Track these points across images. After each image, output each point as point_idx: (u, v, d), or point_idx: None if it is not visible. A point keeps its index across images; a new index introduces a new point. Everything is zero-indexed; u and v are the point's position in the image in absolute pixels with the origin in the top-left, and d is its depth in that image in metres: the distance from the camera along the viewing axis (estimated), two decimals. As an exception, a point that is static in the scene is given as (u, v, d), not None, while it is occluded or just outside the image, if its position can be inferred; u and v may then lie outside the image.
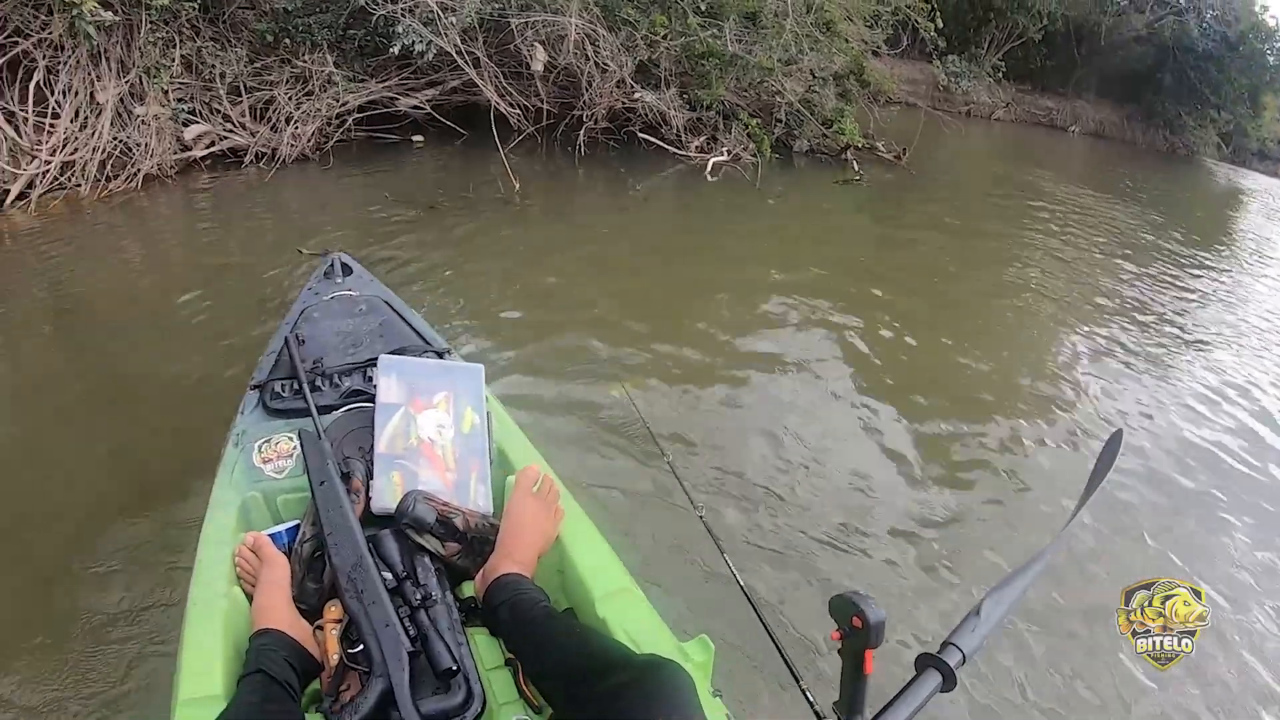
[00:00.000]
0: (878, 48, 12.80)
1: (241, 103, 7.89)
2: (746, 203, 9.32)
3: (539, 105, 9.45)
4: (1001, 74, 22.00)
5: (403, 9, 7.99)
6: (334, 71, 8.30)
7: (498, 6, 8.57)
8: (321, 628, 1.78)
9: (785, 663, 1.77)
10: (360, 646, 1.68)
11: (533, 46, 8.74)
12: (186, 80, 7.57)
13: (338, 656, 1.70)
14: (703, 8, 9.74)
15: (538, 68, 8.88)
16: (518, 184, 7.98)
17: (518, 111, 9.21)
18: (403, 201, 7.37)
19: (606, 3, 9.13)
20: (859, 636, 1.30)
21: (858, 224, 9.56)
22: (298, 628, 1.76)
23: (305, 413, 2.27)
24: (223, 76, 7.72)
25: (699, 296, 6.27)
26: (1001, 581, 1.49)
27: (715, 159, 10.07)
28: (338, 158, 8.28)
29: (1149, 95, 24.54)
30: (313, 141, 8.18)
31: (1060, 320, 7.17)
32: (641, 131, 10.13)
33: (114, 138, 6.84)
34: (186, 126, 7.44)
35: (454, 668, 1.64)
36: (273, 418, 2.39)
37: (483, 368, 2.36)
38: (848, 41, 11.60)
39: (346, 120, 8.53)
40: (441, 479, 2.11)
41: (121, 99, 6.93)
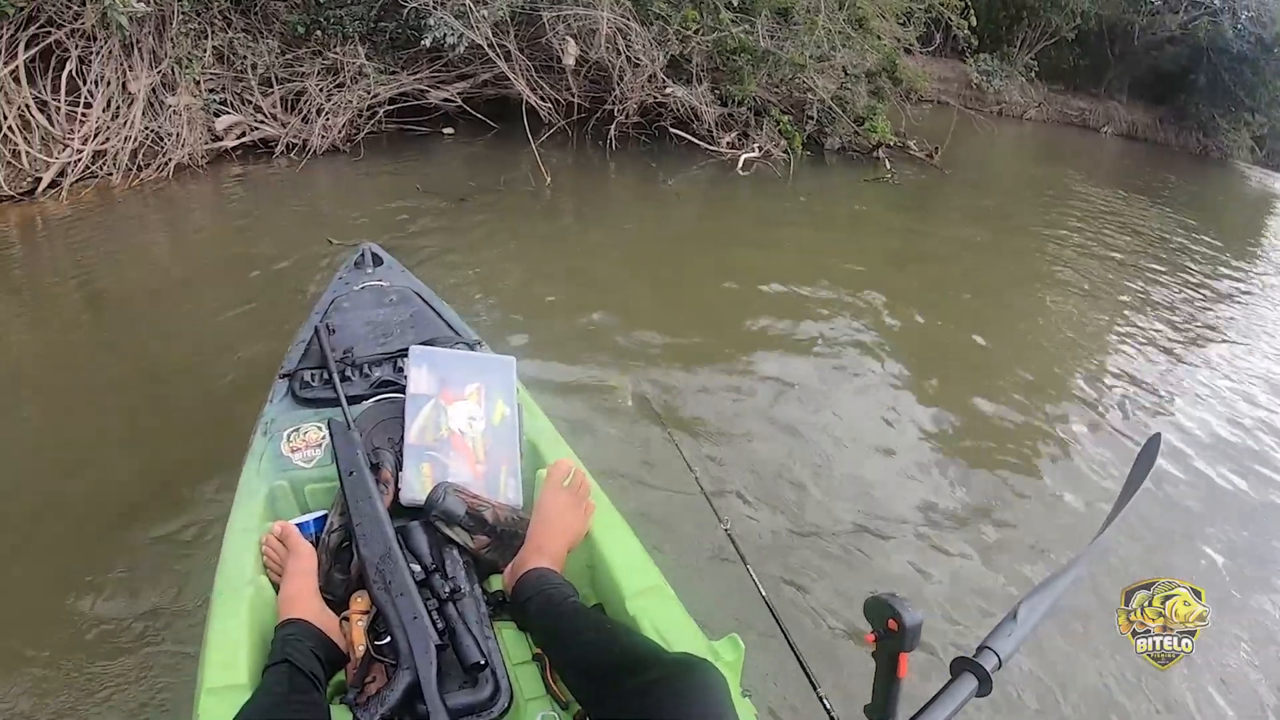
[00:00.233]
0: (910, 45, 12.68)
1: (273, 94, 7.90)
2: (778, 199, 9.27)
3: (570, 99, 9.42)
4: (1034, 73, 21.75)
5: (434, 2, 8.00)
6: (365, 64, 8.30)
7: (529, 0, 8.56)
8: (348, 619, 1.76)
9: (804, 670, 1.75)
10: (387, 639, 1.65)
11: (564, 40, 8.71)
12: (218, 71, 7.60)
13: (363, 648, 1.68)
14: (735, 3, 9.67)
15: (569, 61, 8.85)
16: (549, 177, 7.98)
17: (549, 105, 9.19)
18: (433, 193, 7.36)
19: (638, -3, 9.08)
20: (894, 639, 1.27)
21: (889, 222, 9.47)
22: (324, 618, 1.75)
23: (334, 402, 2.26)
24: (254, 68, 7.74)
25: (729, 292, 6.23)
26: (1038, 586, 1.47)
27: (747, 155, 9.99)
28: (368, 149, 8.29)
29: (1182, 97, 24.17)
30: (344, 133, 8.18)
31: (1093, 322, 7.08)
32: (673, 126, 10.06)
33: (145, 127, 6.88)
34: (218, 117, 7.47)
35: (482, 662, 1.62)
36: (302, 407, 2.38)
37: (514, 360, 2.34)
38: (880, 39, 11.49)
39: (378, 112, 8.53)
40: (471, 471, 2.09)
41: (153, 89, 6.96)
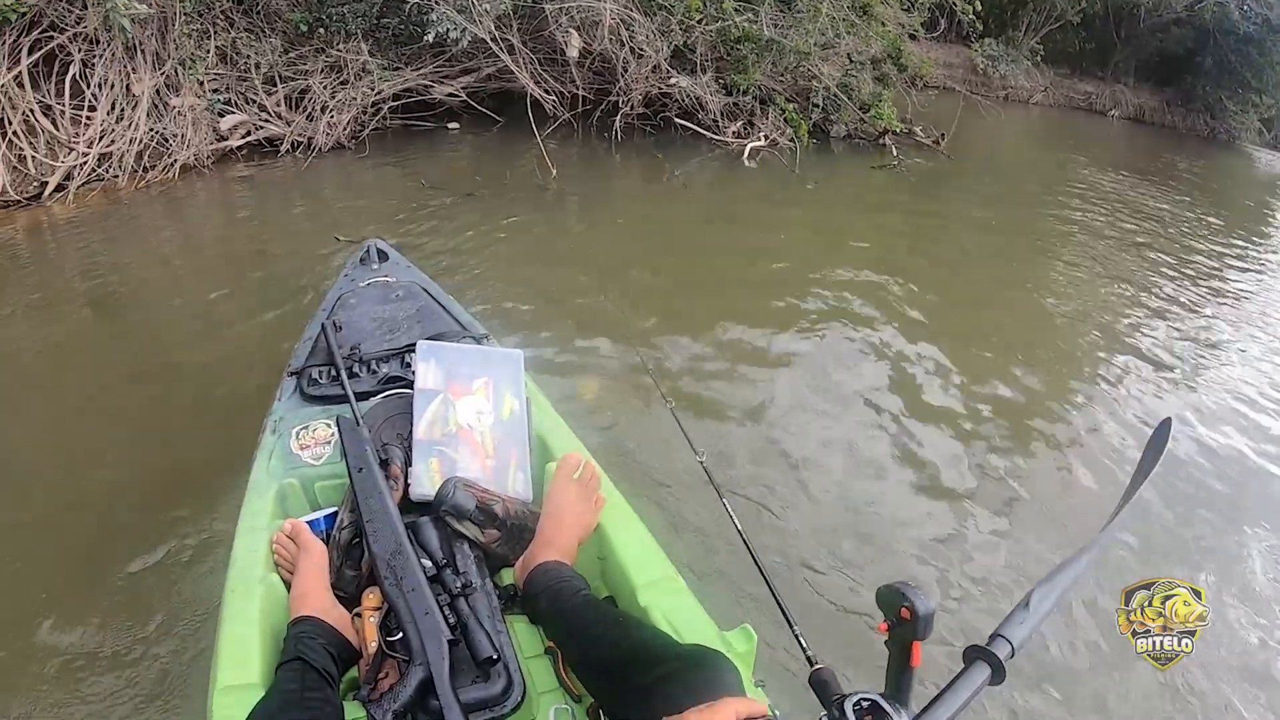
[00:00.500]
0: (915, 31, 12.64)
1: (277, 92, 7.90)
2: (784, 188, 9.25)
3: (574, 91, 9.41)
4: (1039, 58, 21.64)
5: (436, -4, 7.99)
6: (369, 60, 8.29)
7: (532, -8, 8.54)
8: (360, 615, 1.76)
9: (779, 605, 1.75)
10: (399, 635, 1.65)
11: (567, 32, 8.70)
12: (221, 71, 7.60)
13: (376, 644, 1.68)
14: (738, -9, 9.65)
15: (573, 54, 8.83)
16: (554, 170, 7.96)
17: (553, 98, 9.15)
18: (439, 188, 7.37)
19: (641, -13, 9.06)
20: (907, 628, 1.25)
21: (897, 209, 9.44)
22: (335, 615, 1.75)
23: (343, 399, 2.26)
24: (258, 67, 7.74)
25: (737, 281, 6.23)
26: (1050, 573, 1.45)
27: (752, 144, 10.00)
28: (373, 146, 8.29)
29: (1189, 79, 24.05)
30: (348, 130, 8.17)
31: (1102, 305, 7.06)
32: (678, 117, 10.07)
33: (150, 129, 6.88)
34: (222, 117, 7.47)
35: (494, 656, 1.62)
36: (310, 404, 2.39)
37: (522, 354, 2.34)
38: (884, 25, 11.46)
39: (382, 108, 8.53)
40: (480, 465, 2.09)
41: (157, 91, 6.96)
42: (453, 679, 1.57)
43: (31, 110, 6.23)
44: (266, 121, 7.79)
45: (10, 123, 6.11)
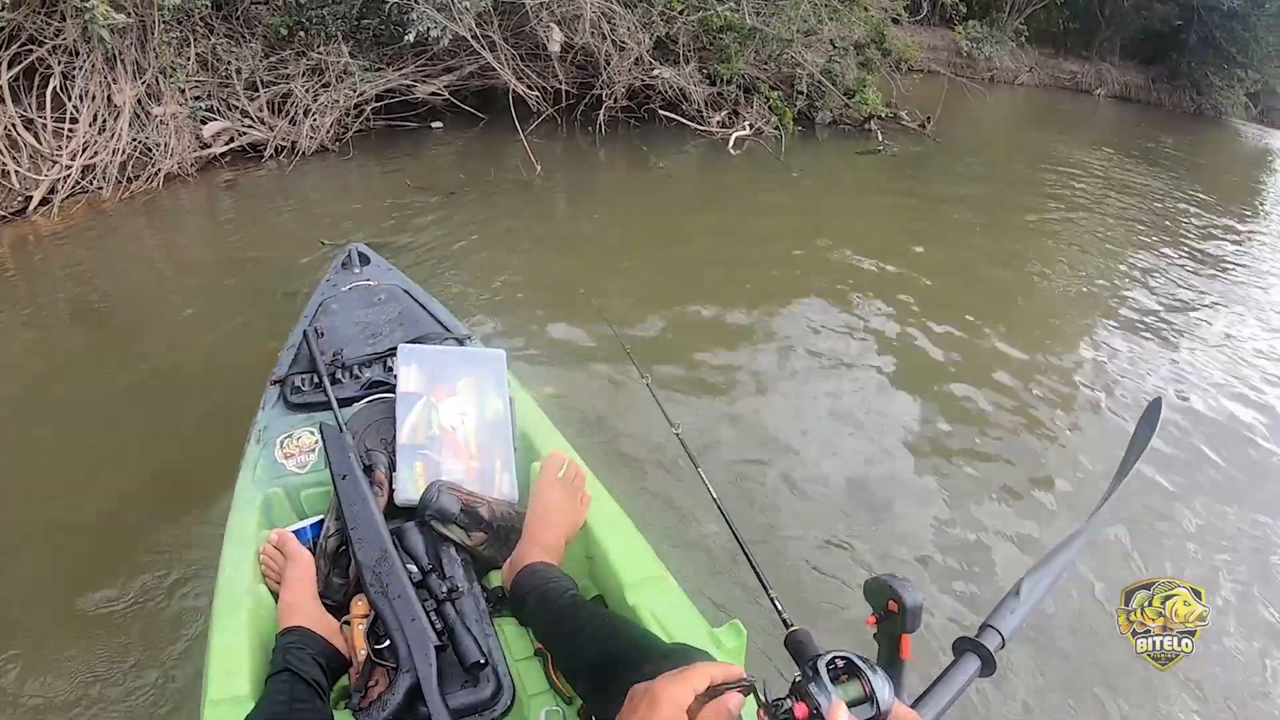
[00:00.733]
0: (898, 15, 12.64)
1: (259, 97, 7.87)
2: (770, 176, 9.27)
3: (557, 86, 9.38)
4: (1024, 38, 21.65)
5: (415, -4, 7.96)
6: (350, 62, 8.26)
7: (512, -12, 8.52)
8: (349, 623, 1.75)
9: (753, 568, 1.75)
10: (387, 642, 1.64)
11: (548, 27, 8.68)
12: (203, 78, 7.57)
13: (365, 652, 1.67)
14: (719, -20, 9.63)
15: (555, 48, 8.82)
16: (539, 166, 7.96)
17: (536, 93, 9.14)
18: (424, 188, 7.35)
19: (621, -21, 9.03)
20: (895, 621, 1.24)
21: (882, 195, 9.46)
22: (324, 624, 1.74)
23: (326, 406, 2.25)
24: (239, 72, 7.70)
25: (724, 272, 6.22)
26: (1041, 559, 1.44)
27: (737, 133, 10.01)
28: (357, 147, 8.26)
29: (1174, 56, 24.11)
30: (331, 133, 8.15)
31: (1090, 290, 7.06)
32: (662, 108, 10.07)
33: (133, 139, 6.84)
34: (205, 124, 7.43)
35: (482, 660, 1.61)
36: (294, 412, 2.37)
37: (504, 353, 2.32)
38: (867, 9, 11.48)
39: (364, 110, 8.50)
40: (465, 467, 2.08)
41: (139, 100, 6.92)
42: (441, 685, 1.57)
43: (13, 124, 6.19)
44: (249, 127, 7.76)
45: (-8, 137, 6.09)
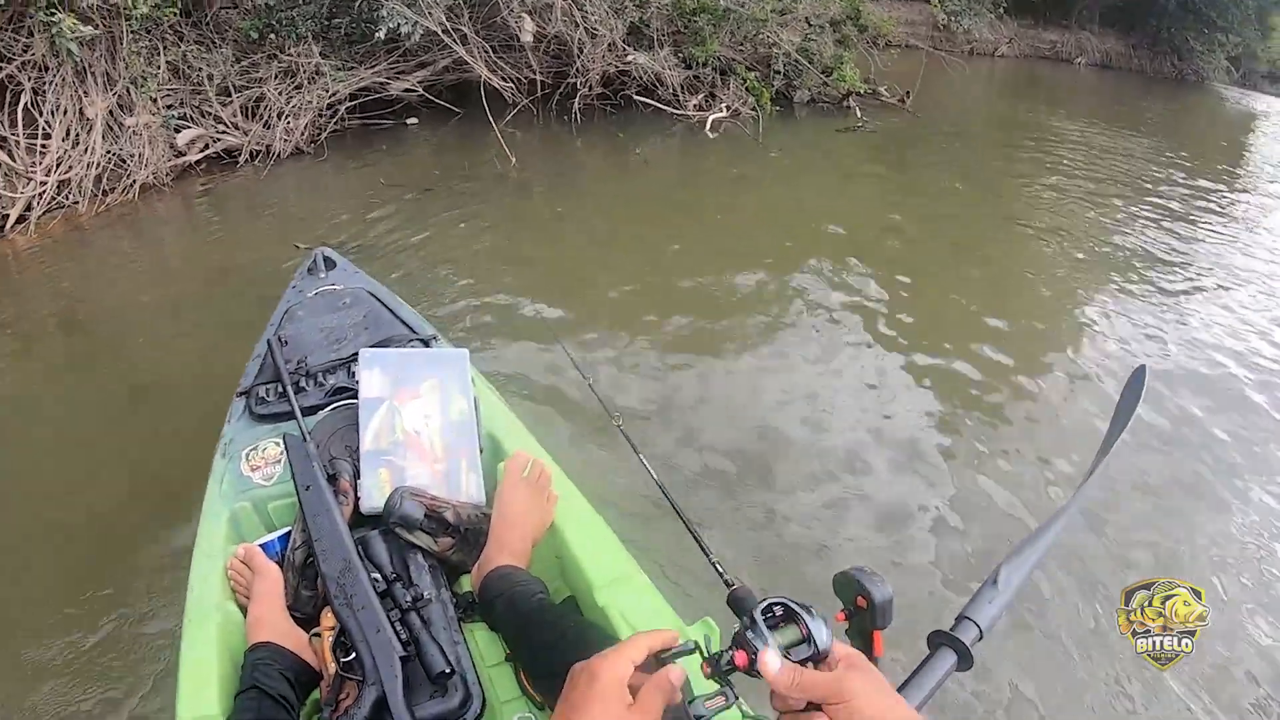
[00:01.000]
0: (873, -11, 12.62)
1: (232, 102, 7.81)
2: (749, 158, 9.27)
3: (532, 77, 9.33)
4: (1003, 9, 21.51)
5: (384, -8, 7.91)
6: (321, 62, 8.21)
7: (481, -22, 8.47)
8: (319, 635, 1.73)
9: (696, 540, 1.73)
10: (354, 654, 1.62)
11: (520, 17, 8.64)
12: (174, 86, 7.51)
13: (335, 665, 1.65)
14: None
15: (527, 38, 8.77)
16: (514, 158, 7.95)
17: (510, 85, 9.09)
18: (399, 186, 7.33)
19: (591, -35, 8.98)
20: (864, 617, 1.19)
21: (863, 171, 9.46)
22: (293, 638, 1.72)
23: (291, 416, 2.21)
24: (210, 78, 7.65)
25: (704, 258, 6.21)
26: (1019, 545, 1.39)
27: (714, 116, 9.99)
28: (332, 148, 8.22)
29: (1153, 22, 24.05)
30: (306, 134, 8.10)
31: (1074, 261, 7.05)
32: (638, 94, 10.04)
33: (107, 151, 6.79)
34: (178, 132, 7.38)
35: (448, 670, 1.58)
36: (259, 424, 2.35)
37: (467, 352, 2.29)
38: (842, -15, 11.46)
39: (338, 110, 8.45)
40: (430, 471, 2.05)
41: (111, 112, 6.87)
42: (409, 695, 1.54)
43: (-14, 143, 6.17)
44: (223, 133, 7.71)
45: (-35, 159, 6.05)
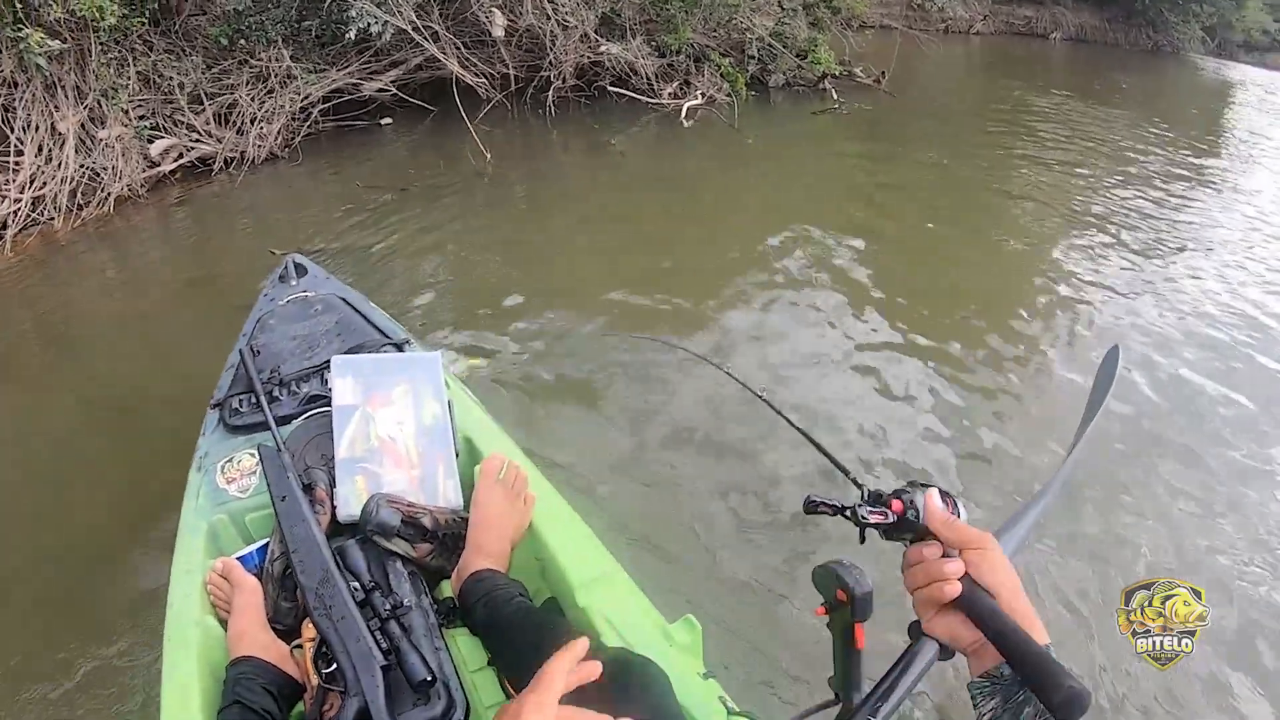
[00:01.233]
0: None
1: (204, 110, 7.75)
2: (726, 144, 9.27)
3: (504, 71, 9.29)
4: (977, -14, 21.63)
5: (352, -8, 7.86)
6: (292, 65, 8.14)
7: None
8: (300, 646, 1.72)
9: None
10: (335, 665, 1.60)
11: (490, 12, 8.59)
12: (146, 96, 7.45)
13: (317, 677, 1.64)
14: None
15: (498, 33, 8.73)
16: (489, 154, 7.90)
17: (484, 81, 9.05)
18: (375, 187, 7.29)
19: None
20: (845, 610, 1.20)
21: (840, 153, 9.49)
22: (274, 651, 1.71)
23: (265, 426, 2.20)
24: (181, 87, 7.58)
25: (682, 247, 6.22)
26: (1002, 526, 1.39)
27: (690, 104, 9.96)
28: (307, 152, 8.16)
29: (1128, -7, 24.15)
30: (280, 139, 8.04)
31: (1052, 235, 7.07)
32: (612, 85, 10.01)
33: (81, 165, 6.73)
34: (151, 143, 7.32)
35: (429, 678, 1.57)
36: (234, 435, 2.33)
37: (440, 355, 2.28)
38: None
39: (312, 113, 8.39)
40: (407, 477, 2.04)
41: (83, 125, 6.82)
42: (391, 705, 1.53)
43: (-41, 164, 6.13)
44: (197, 141, 7.66)
45: (-62, 178, 6.00)
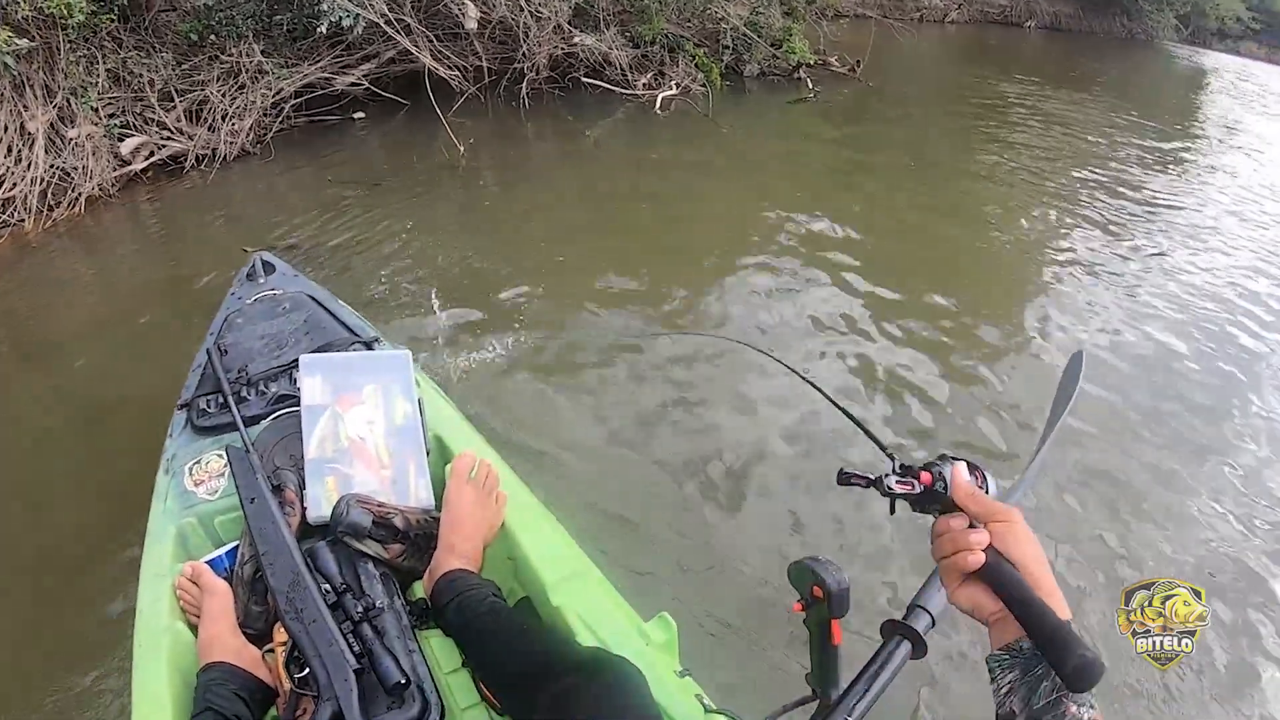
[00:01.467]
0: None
1: (175, 108, 7.66)
2: (700, 134, 9.26)
3: (478, 64, 9.21)
4: (952, -25, 21.67)
5: (324, -15, 7.80)
6: (264, 61, 8.06)
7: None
8: (273, 651, 1.70)
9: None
10: (307, 670, 1.58)
11: (463, 4, 8.53)
12: (116, 94, 7.36)
13: (290, 682, 1.61)
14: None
15: (471, 25, 8.66)
16: (462, 148, 7.87)
17: (457, 73, 8.97)
18: (347, 182, 7.25)
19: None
20: (821, 606, 1.20)
21: (814, 142, 9.52)
22: (245, 656, 1.69)
23: (233, 427, 2.17)
24: (152, 84, 7.50)
25: (658, 239, 6.23)
26: None
27: (664, 94, 9.97)
28: (279, 148, 8.08)
29: (1102, -19, 24.23)
30: (252, 135, 7.95)
31: (1026, 227, 7.12)
32: (586, 76, 9.99)
33: (50, 165, 6.64)
34: (122, 141, 7.23)
35: (403, 680, 1.55)
36: (201, 436, 2.30)
37: (409, 353, 2.25)
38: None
39: (284, 108, 8.31)
40: (378, 477, 2.01)
41: (52, 124, 6.73)
42: (366, 708, 1.51)
43: (-73, 166, 6.05)
44: (168, 139, 7.57)
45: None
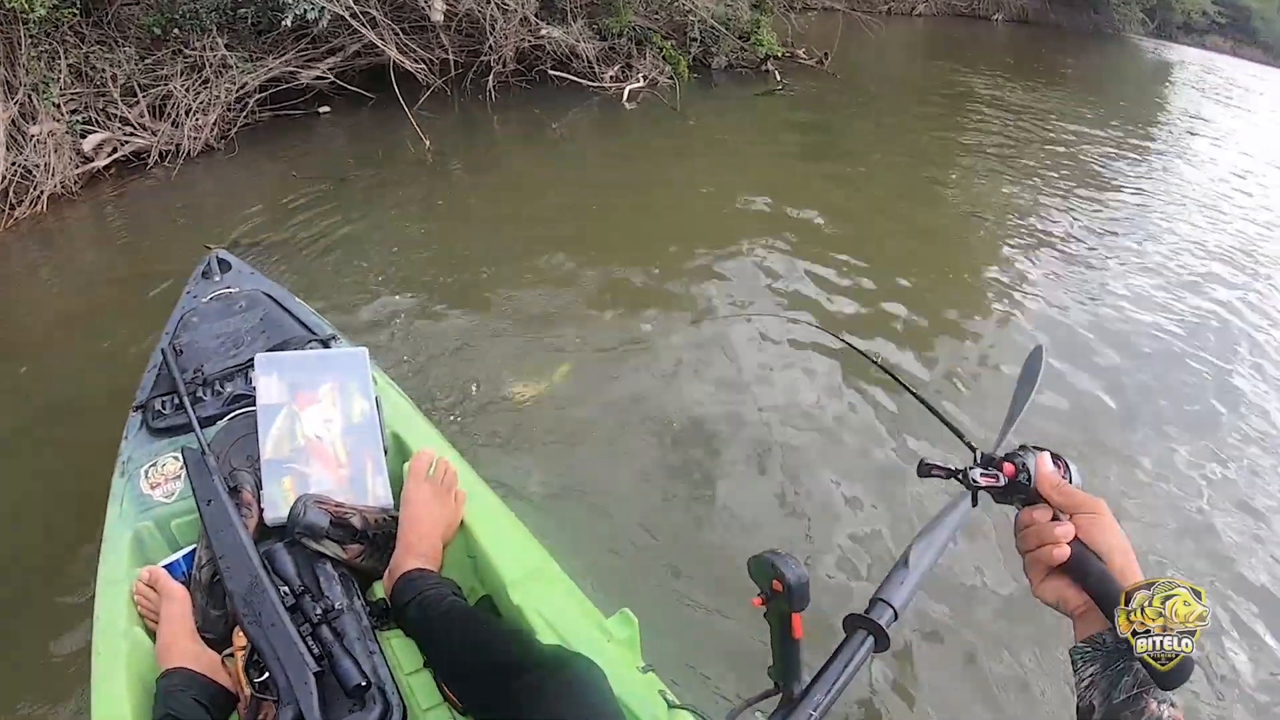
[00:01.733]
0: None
1: (138, 103, 7.57)
2: (668, 127, 9.28)
3: (444, 57, 9.15)
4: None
5: (288, -23, 7.73)
6: (228, 54, 7.98)
7: (386, -40, 8.31)
8: (233, 655, 1.68)
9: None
10: (266, 674, 1.56)
11: (428, -3, 8.51)
12: (78, 90, 7.26)
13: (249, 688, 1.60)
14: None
15: (437, 18, 8.62)
16: (428, 141, 7.83)
17: (423, 67, 8.91)
18: (311, 177, 7.17)
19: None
20: (781, 600, 1.18)
21: (782, 134, 9.55)
22: (204, 661, 1.68)
23: (189, 428, 2.14)
24: (114, 79, 7.40)
25: (627, 234, 6.21)
26: (928, 524, 1.38)
27: (631, 87, 9.95)
28: (244, 143, 7.99)
29: (1070, -26, 24.37)
30: (216, 130, 7.86)
31: (994, 220, 7.18)
32: (552, 69, 9.94)
33: (11, 163, 6.53)
34: (84, 137, 7.14)
35: (364, 683, 1.53)
36: (157, 438, 2.26)
37: (365, 350, 2.23)
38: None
39: (248, 103, 8.21)
40: (335, 476, 1.99)
41: (13, 121, 6.64)
42: (327, 712, 1.51)
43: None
44: (131, 135, 7.48)
45: None
